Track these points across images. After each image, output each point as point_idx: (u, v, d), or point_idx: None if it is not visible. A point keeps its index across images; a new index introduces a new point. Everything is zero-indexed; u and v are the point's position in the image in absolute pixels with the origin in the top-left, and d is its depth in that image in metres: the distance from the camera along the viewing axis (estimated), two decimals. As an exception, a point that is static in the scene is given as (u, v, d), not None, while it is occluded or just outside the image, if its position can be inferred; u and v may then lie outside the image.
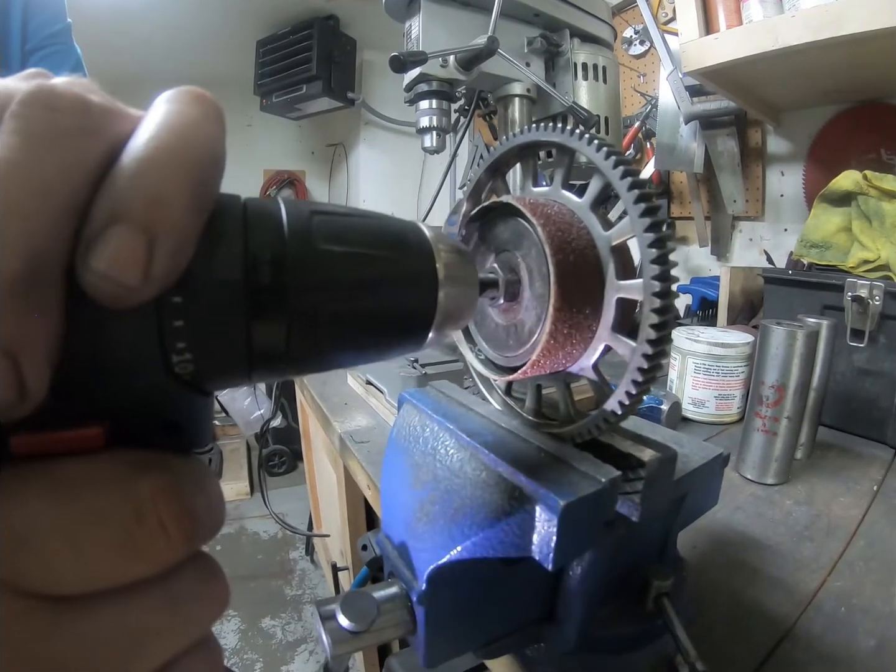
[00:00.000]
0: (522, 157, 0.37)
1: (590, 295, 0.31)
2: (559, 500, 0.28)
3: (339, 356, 0.22)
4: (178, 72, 2.96)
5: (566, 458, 0.32)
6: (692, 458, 0.39)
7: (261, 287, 0.19)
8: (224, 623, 2.10)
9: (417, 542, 0.33)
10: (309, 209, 0.21)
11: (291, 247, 0.19)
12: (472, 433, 0.35)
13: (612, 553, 0.34)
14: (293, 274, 0.19)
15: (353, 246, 0.21)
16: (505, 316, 0.34)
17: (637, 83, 1.86)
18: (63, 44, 0.80)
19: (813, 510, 0.70)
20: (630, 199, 0.28)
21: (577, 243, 0.30)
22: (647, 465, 0.32)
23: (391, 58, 0.73)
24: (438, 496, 0.33)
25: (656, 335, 0.28)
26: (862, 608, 0.53)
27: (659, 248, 0.27)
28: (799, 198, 1.49)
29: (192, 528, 0.18)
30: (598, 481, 0.30)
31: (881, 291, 0.88)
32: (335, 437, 0.88)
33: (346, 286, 0.21)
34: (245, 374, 0.20)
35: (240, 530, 2.71)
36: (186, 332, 0.18)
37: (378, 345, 0.23)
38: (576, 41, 0.97)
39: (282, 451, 3.13)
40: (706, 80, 1.20)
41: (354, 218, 0.22)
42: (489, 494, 0.31)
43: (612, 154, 0.29)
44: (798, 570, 0.59)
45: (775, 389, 0.73)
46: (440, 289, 0.23)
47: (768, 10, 1.04)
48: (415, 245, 0.23)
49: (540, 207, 0.31)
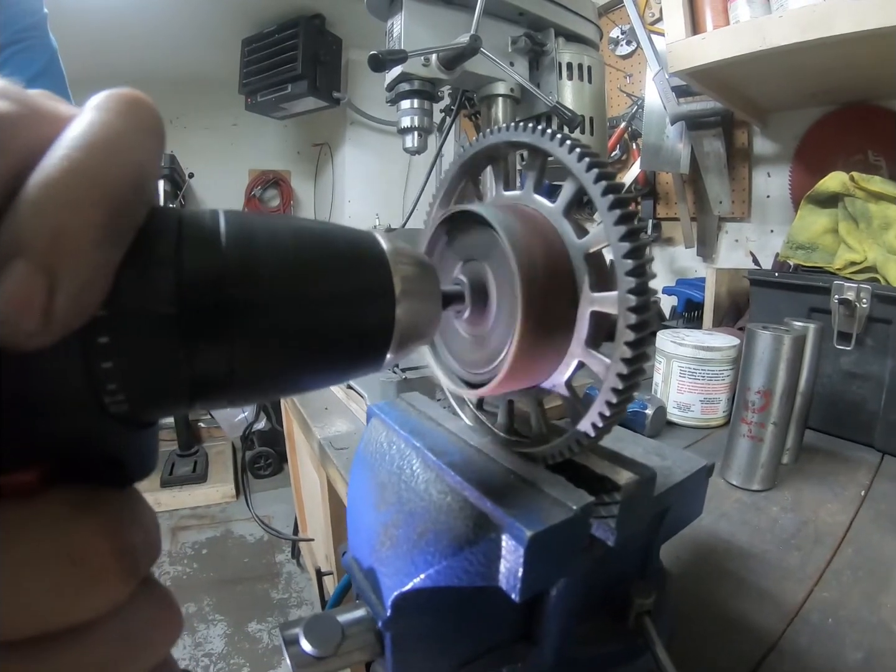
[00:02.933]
0: (493, 158, 0.35)
1: (562, 309, 0.29)
2: (525, 531, 0.26)
3: (288, 381, 0.21)
4: (163, 69, 2.95)
5: (537, 481, 0.31)
6: (675, 470, 0.37)
7: (198, 317, 0.17)
8: (210, 628, 2.08)
9: (382, 566, 0.31)
10: (252, 224, 0.19)
11: (231, 269, 0.18)
12: (439, 452, 0.33)
13: (588, 574, 0.33)
14: (233, 300, 0.18)
15: (300, 264, 0.19)
16: (472, 329, 0.33)
17: (623, 83, 1.86)
18: (37, 38, 0.77)
19: (800, 517, 0.69)
20: (604, 205, 0.26)
21: (548, 253, 0.29)
22: (622, 489, 0.30)
23: (370, 56, 0.72)
24: (402, 519, 0.31)
25: (632, 353, 0.26)
26: (849, 619, 0.52)
27: (635, 258, 0.25)
28: (785, 199, 1.49)
29: (131, 564, 0.17)
30: (570, 509, 0.28)
31: (868, 294, 0.87)
32: (315, 443, 0.86)
33: (292, 309, 0.19)
34: (186, 405, 0.19)
35: (226, 533, 2.69)
36: (117, 373, 0.16)
37: (332, 367, 0.22)
38: (560, 40, 0.97)
39: (267, 453, 3.10)
40: (693, 80, 1.19)
41: (302, 231, 0.20)
42: (454, 520, 0.30)
43: (585, 156, 0.27)
44: (784, 579, 0.58)
45: (762, 395, 0.72)
46: (398, 304, 0.22)
47: (756, 11, 1.03)
48: (369, 258, 0.22)
49: (509, 216, 0.29)
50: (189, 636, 2.03)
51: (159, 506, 2.79)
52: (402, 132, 0.88)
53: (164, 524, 2.69)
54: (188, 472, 2.93)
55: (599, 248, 0.28)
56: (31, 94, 0.17)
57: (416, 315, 0.23)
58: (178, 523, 2.74)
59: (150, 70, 2.96)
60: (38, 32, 0.77)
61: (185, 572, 2.38)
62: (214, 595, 2.24)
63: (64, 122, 0.17)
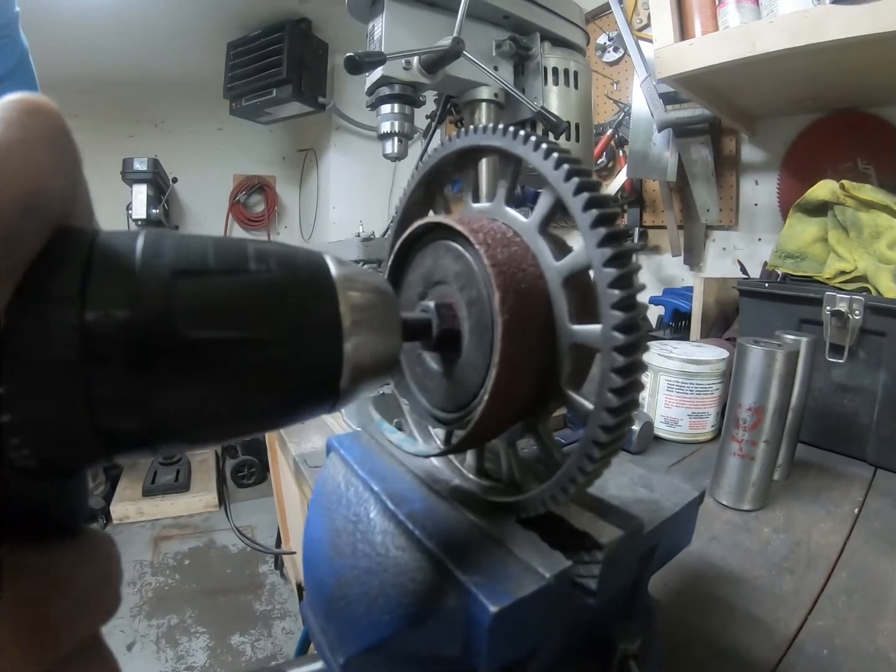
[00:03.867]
0: (462, 166, 0.31)
1: (540, 345, 0.26)
2: (489, 606, 0.23)
3: (216, 431, 0.18)
4: (148, 73, 2.94)
5: (506, 539, 0.27)
6: (664, 504, 0.34)
7: (104, 364, 0.15)
8: (193, 640, 2.05)
9: (336, 624, 0.28)
10: (175, 249, 0.16)
11: (145, 306, 0.15)
12: (399, 499, 0.30)
13: (567, 626, 0.30)
14: (145, 344, 0.15)
15: (228, 297, 0.17)
16: (442, 363, 0.29)
17: (610, 90, 1.84)
18: (8, 37, 0.75)
19: (792, 538, 0.67)
20: (586, 221, 0.22)
21: (525, 280, 0.25)
22: (604, 549, 0.26)
23: (346, 58, 0.69)
24: (357, 577, 0.28)
25: (618, 402, 0.22)
26: (845, 648, 0.50)
27: (623, 288, 0.21)
28: (773, 207, 1.48)
29: (39, 643, 0.15)
30: (542, 576, 0.25)
31: (861, 305, 0.86)
32: (290, 459, 0.83)
33: (218, 350, 0.16)
34: (103, 458, 0.16)
35: (209, 543, 2.65)
36: (17, 426, 0.14)
37: (267, 414, 0.19)
38: (546, 45, 0.95)
39: (251, 462, 3.07)
40: (681, 86, 1.18)
41: (235, 256, 0.17)
42: (411, 583, 0.26)
43: (563, 162, 0.23)
44: (778, 607, 0.55)
45: (753, 412, 0.69)
46: (346, 339, 0.19)
47: (745, 16, 1.02)
48: (312, 286, 0.19)
49: (483, 233, 0.26)
50: (171, 649, 2.00)
51: (141, 515, 2.76)
52: (381, 138, 0.86)
53: (146, 534, 2.67)
54: (170, 481, 2.90)
55: (579, 272, 0.25)
56: None
57: (371, 349, 0.20)
58: (160, 533, 2.70)
59: (135, 74, 2.94)
60: (10, 31, 0.75)
61: (168, 583, 2.35)
62: (197, 607, 2.21)
63: None
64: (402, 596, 0.26)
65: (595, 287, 0.23)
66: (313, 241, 3.38)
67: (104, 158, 2.88)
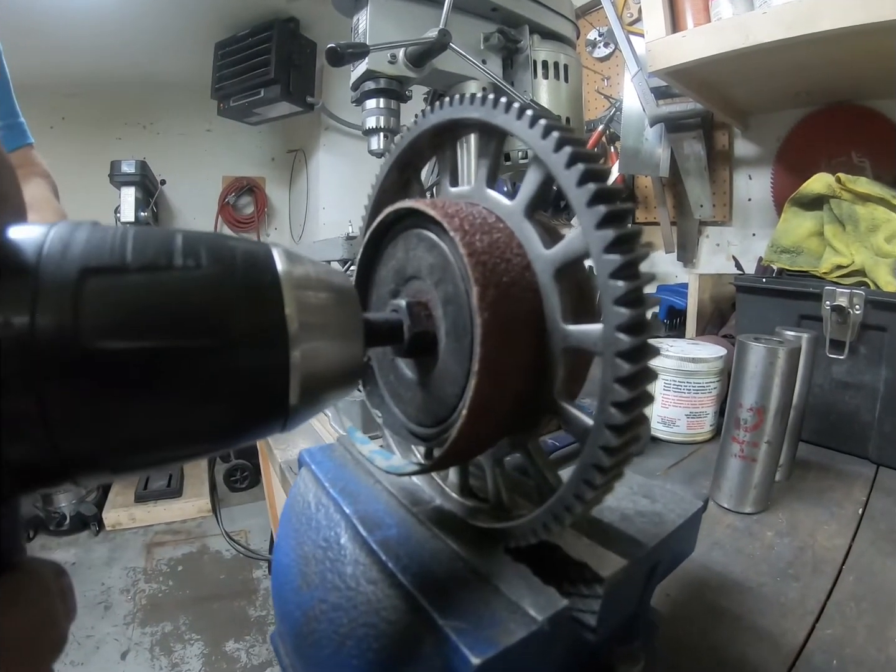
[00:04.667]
0: (438, 145, 0.27)
1: (528, 349, 0.22)
2: (471, 657, 0.19)
3: (146, 459, 0.15)
4: (136, 74, 2.93)
5: (492, 574, 0.23)
6: (667, 516, 0.32)
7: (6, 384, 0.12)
8: (187, 647, 2.04)
9: (303, 661, 0.25)
10: (88, 237, 0.14)
11: (45, 308, 0.13)
12: (373, 524, 0.26)
13: (564, 654, 0.27)
14: (46, 356, 0.13)
15: (145, 296, 0.14)
16: (417, 370, 0.25)
17: (601, 86, 1.83)
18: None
19: (796, 541, 0.65)
20: (582, 197, 0.18)
21: (510, 272, 0.21)
22: (606, 582, 0.23)
23: (328, 49, 0.67)
24: (326, 611, 0.24)
25: (623, 419, 0.18)
26: (855, 659, 0.48)
27: (628, 278, 0.17)
28: (767, 202, 1.47)
29: None
30: (533, 619, 0.21)
31: (861, 300, 0.84)
32: (276, 466, 0.81)
33: (134, 360, 0.14)
34: (15, 490, 0.14)
35: (202, 549, 2.63)
36: None
37: (208, 435, 0.16)
38: (536, 38, 0.93)
39: (244, 466, 3.05)
40: (673, 80, 1.16)
41: (161, 251, 0.15)
42: (384, 624, 0.22)
43: (552, 130, 0.19)
44: (784, 616, 0.53)
45: (754, 412, 0.67)
46: (293, 346, 0.16)
47: (738, 7, 1.00)
48: (251, 284, 0.16)
49: (460, 218, 0.22)
50: (165, 657, 1.99)
51: (134, 521, 2.74)
52: (367, 133, 0.84)
53: (139, 540, 2.66)
54: (163, 487, 2.88)
55: (574, 262, 0.21)
56: None
57: (325, 358, 0.17)
58: (153, 539, 2.69)
59: (123, 75, 2.92)
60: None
61: (161, 590, 2.33)
62: (191, 613, 2.20)
63: None
64: (373, 639, 0.23)
65: (593, 279, 0.19)
66: (303, 243, 3.36)
67: (92, 161, 2.87)
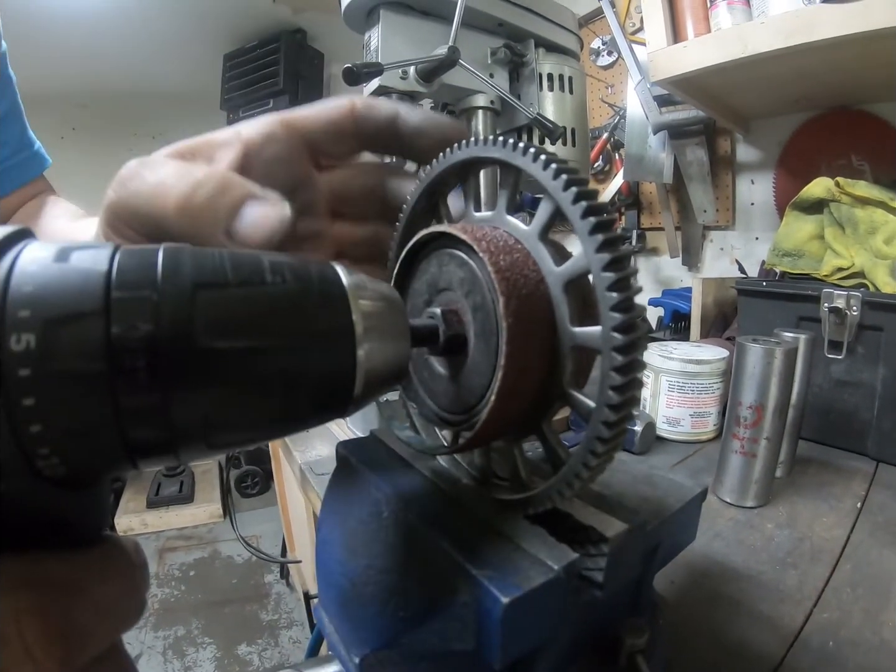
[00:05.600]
0: (462, 176, 0.32)
1: (543, 347, 0.26)
2: (501, 597, 0.24)
3: (236, 438, 0.18)
4: (145, 85, 2.95)
5: (514, 535, 0.28)
6: (667, 501, 0.35)
7: (130, 373, 0.15)
8: (200, 651, 2.06)
9: (351, 624, 0.29)
10: (191, 264, 0.17)
11: (165, 319, 0.16)
12: (410, 499, 0.31)
13: (575, 621, 0.30)
14: (169, 355, 0.16)
15: (244, 308, 0.17)
16: (448, 367, 0.30)
17: (605, 94, 1.85)
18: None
19: (795, 533, 0.68)
20: (584, 228, 0.23)
21: (528, 285, 0.26)
22: (610, 542, 0.27)
23: (344, 70, 0.70)
24: (372, 576, 0.29)
25: (619, 399, 0.23)
26: (851, 641, 0.51)
27: (620, 291, 0.22)
28: (769, 206, 1.48)
29: (65, 648, 0.16)
30: (550, 569, 0.26)
31: (858, 301, 0.86)
32: (296, 468, 0.84)
33: (237, 361, 0.17)
34: (128, 466, 0.17)
35: (213, 554, 2.66)
36: (46, 436, 0.15)
37: (288, 419, 0.19)
38: (541, 51, 0.96)
39: (255, 472, 3.06)
40: (675, 88, 1.18)
41: (248, 268, 0.18)
42: (425, 579, 0.27)
43: (561, 172, 0.24)
44: (782, 601, 0.56)
45: (753, 410, 0.70)
46: (359, 346, 0.19)
47: (737, 18, 1.02)
48: (326, 295, 0.19)
49: (486, 241, 0.26)
50: (178, 660, 2.01)
51: (146, 527, 2.76)
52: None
53: (151, 545, 2.67)
54: (174, 493, 2.90)
55: (579, 277, 0.26)
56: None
57: (383, 356, 0.20)
58: (165, 544, 2.71)
59: (132, 86, 2.95)
60: (0, 69, 0.74)
61: (173, 594, 2.35)
62: (203, 617, 2.22)
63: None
64: (417, 592, 0.27)
65: (594, 291, 0.23)
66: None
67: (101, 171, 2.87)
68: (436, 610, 0.26)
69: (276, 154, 0.31)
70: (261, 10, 2.44)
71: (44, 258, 0.15)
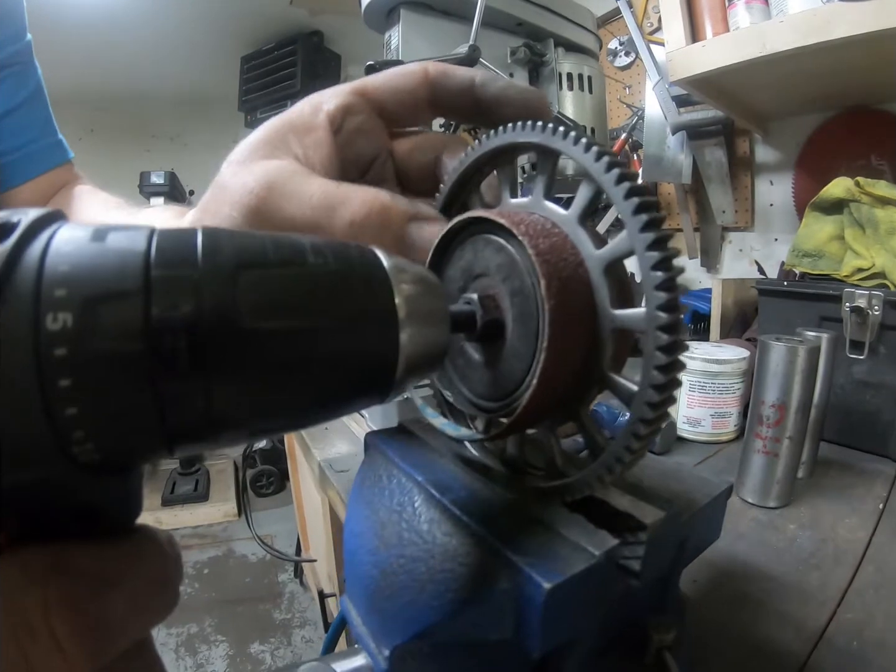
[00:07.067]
0: (498, 164, 0.32)
1: (584, 330, 0.26)
2: (543, 582, 0.23)
3: (277, 422, 0.18)
4: (163, 87, 2.97)
5: (553, 522, 0.28)
6: (694, 495, 0.35)
7: (169, 356, 0.15)
8: (212, 649, 2.07)
9: (381, 614, 0.29)
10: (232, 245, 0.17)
11: (206, 300, 0.15)
12: (443, 487, 0.30)
13: (607, 614, 0.30)
14: (209, 336, 0.15)
15: (287, 289, 0.17)
16: (484, 353, 0.30)
17: (623, 94, 1.84)
18: (23, 63, 0.75)
19: (818, 534, 0.67)
20: (628, 208, 0.23)
21: (567, 268, 0.26)
22: (648, 529, 0.27)
23: (366, 67, 0.70)
24: (404, 565, 0.28)
25: (664, 379, 0.23)
26: (875, 641, 0.50)
27: (665, 270, 0.22)
28: (789, 207, 1.47)
29: (95, 641, 0.15)
30: (591, 554, 0.25)
31: (880, 301, 0.85)
32: (315, 465, 0.84)
33: (279, 342, 0.16)
34: (165, 452, 0.16)
35: (227, 553, 2.67)
36: (82, 419, 0.14)
37: (325, 404, 0.19)
38: (560, 51, 0.96)
39: (269, 472, 3.08)
40: (693, 88, 1.17)
41: (289, 250, 0.18)
42: (460, 567, 0.27)
43: (604, 155, 0.24)
44: (806, 602, 0.55)
45: (776, 409, 0.70)
46: (402, 330, 0.19)
47: (755, 17, 1.02)
48: (367, 277, 0.19)
49: (525, 224, 0.26)
50: (190, 657, 2.01)
51: (160, 525, 2.76)
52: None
53: (166, 544, 2.68)
54: (189, 491, 2.92)
55: (620, 259, 0.26)
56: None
57: (424, 340, 0.20)
58: (179, 542, 2.68)
59: (150, 88, 2.98)
60: (25, 58, 0.75)
61: (187, 592, 2.36)
62: (216, 615, 2.22)
63: None
64: (452, 580, 0.26)
65: (630, 279, 0.23)
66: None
67: (120, 172, 2.91)
68: (472, 599, 0.26)
69: (357, 126, 0.32)
70: (278, 12, 2.46)
71: (79, 238, 0.15)
